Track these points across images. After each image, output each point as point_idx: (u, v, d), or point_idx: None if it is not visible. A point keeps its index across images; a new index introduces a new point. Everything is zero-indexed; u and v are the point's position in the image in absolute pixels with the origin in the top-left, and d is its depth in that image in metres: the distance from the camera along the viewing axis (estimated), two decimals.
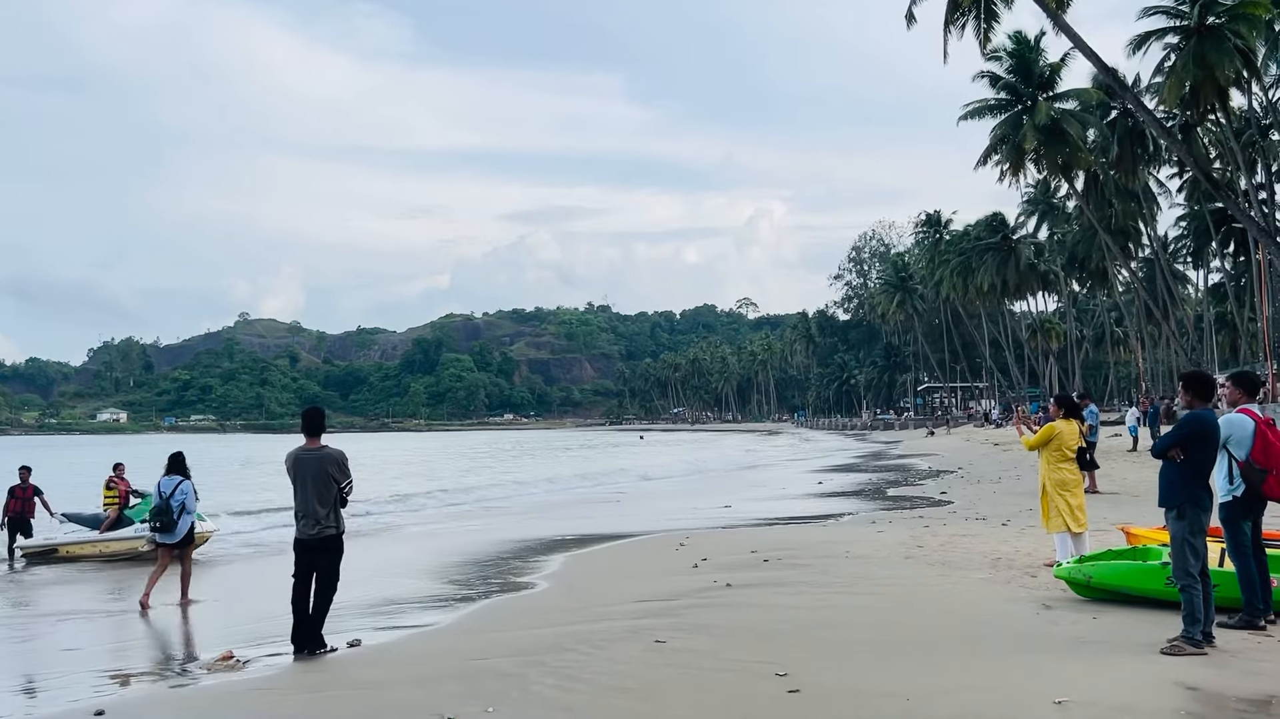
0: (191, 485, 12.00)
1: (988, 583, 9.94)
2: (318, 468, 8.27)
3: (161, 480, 11.99)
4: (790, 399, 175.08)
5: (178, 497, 11.74)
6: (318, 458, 8.32)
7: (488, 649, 7.86)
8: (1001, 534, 13.90)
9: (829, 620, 8.29)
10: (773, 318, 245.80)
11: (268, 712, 6.38)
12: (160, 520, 11.75)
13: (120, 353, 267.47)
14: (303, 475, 8.30)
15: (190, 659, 8.58)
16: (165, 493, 11.82)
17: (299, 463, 8.36)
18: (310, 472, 8.27)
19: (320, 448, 8.40)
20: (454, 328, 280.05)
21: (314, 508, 8.22)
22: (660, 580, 10.94)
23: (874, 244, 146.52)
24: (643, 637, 7.82)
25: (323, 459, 8.32)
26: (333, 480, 8.27)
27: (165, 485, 11.89)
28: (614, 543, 16.44)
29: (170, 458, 12.19)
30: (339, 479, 8.30)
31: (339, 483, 8.30)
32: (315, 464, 8.29)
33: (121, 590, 13.71)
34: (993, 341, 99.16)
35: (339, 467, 8.32)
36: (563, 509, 26.43)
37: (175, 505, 11.72)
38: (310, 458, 8.33)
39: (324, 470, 8.26)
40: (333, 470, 8.28)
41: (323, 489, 8.24)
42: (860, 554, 12.07)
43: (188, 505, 11.86)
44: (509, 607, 10.59)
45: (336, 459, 8.35)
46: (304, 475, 8.29)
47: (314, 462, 8.31)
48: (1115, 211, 63.45)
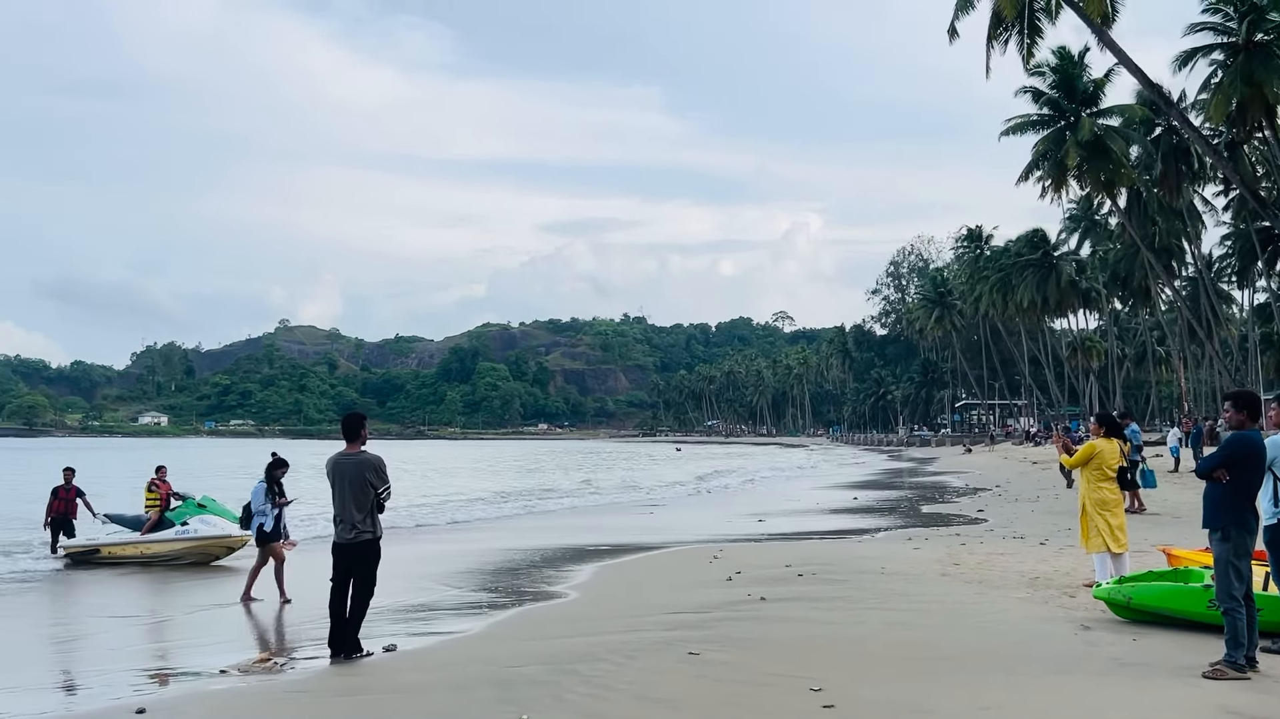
0: (262, 486, 12.70)
1: (1025, 602, 9.84)
2: (355, 473, 8.31)
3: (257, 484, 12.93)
4: (825, 414, 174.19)
5: (251, 496, 12.75)
6: (356, 463, 8.37)
7: (521, 656, 7.89)
8: (1039, 553, 13.74)
9: (864, 636, 8.24)
10: (809, 332, 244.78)
11: (305, 714, 6.44)
12: (242, 519, 13.33)
13: (162, 357, 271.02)
14: (341, 480, 8.35)
15: (229, 661, 8.64)
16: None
17: (337, 468, 8.42)
18: (348, 476, 8.32)
19: (359, 453, 8.44)
20: (490, 337, 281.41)
21: (351, 513, 8.26)
22: (694, 592, 10.93)
23: (912, 259, 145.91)
24: (676, 648, 7.81)
25: (360, 464, 8.36)
26: (370, 486, 8.29)
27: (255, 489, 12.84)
28: (646, 553, 16.44)
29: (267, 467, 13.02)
30: (376, 484, 8.32)
31: (376, 488, 8.33)
32: (353, 469, 8.34)
33: (162, 592, 13.91)
34: (1032, 359, 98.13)
35: (376, 472, 8.35)
36: (595, 518, 26.46)
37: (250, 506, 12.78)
38: (348, 463, 8.38)
39: (361, 475, 8.29)
40: (370, 476, 8.31)
41: (360, 494, 8.27)
42: (896, 571, 11.99)
43: (254, 505, 12.66)
44: (541, 615, 10.63)
45: (374, 464, 8.39)
46: (342, 480, 8.34)
47: (352, 467, 8.35)
48: (1159, 229, 62.72)
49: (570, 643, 8.38)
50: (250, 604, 12.05)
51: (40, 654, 9.87)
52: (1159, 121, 56.39)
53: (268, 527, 12.42)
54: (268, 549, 12.45)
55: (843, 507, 28.75)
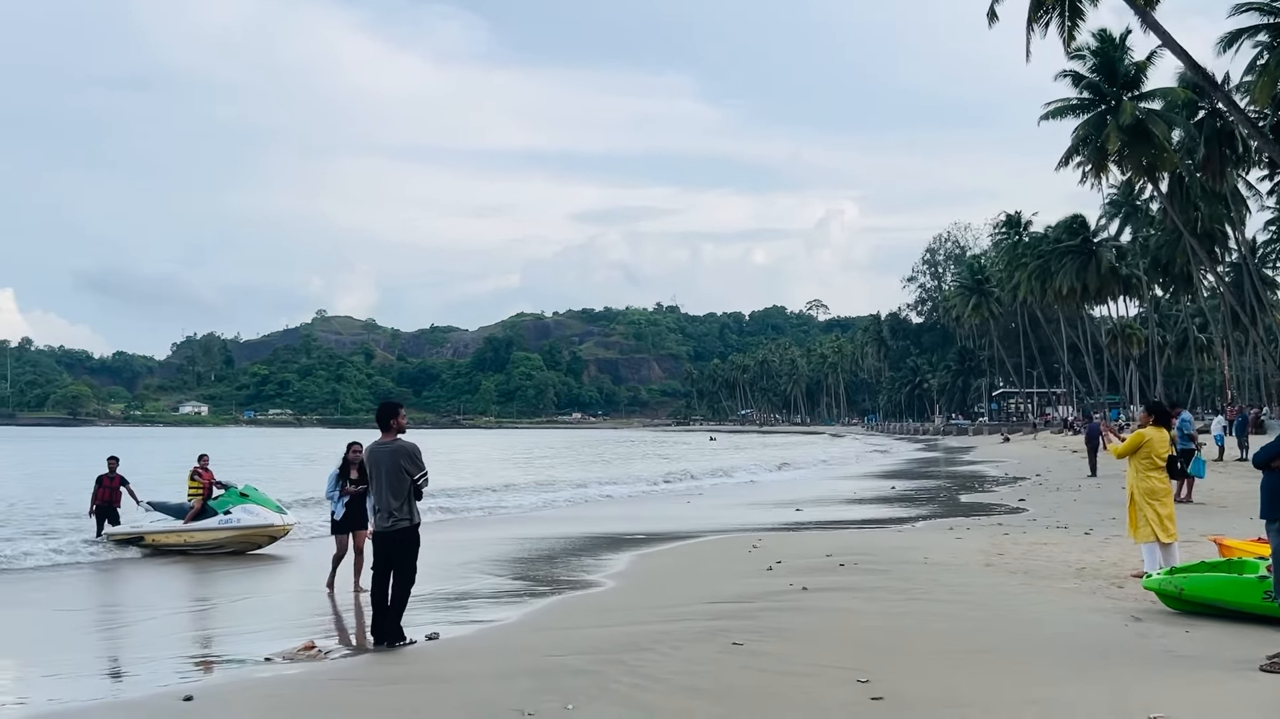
0: (334, 471, 12.21)
1: (1073, 593, 9.69)
2: (390, 461, 8.32)
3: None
4: (860, 402, 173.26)
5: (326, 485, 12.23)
6: (391, 451, 8.38)
7: (563, 646, 7.87)
8: (1085, 543, 13.55)
9: (908, 628, 8.14)
10: (843, 320, 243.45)
11: (350, 702, 6.45)
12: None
13: (202, 347, 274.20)
14: (377, 469, 8.37)
15: (273, 649, 8.68)
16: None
17: (373, 456, 8.47)
18: (384, 465, 8.33)
19: (393, 441, 8.45)
20: (524, 327, 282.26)
21: (388, 500, 8.27)
22: (734, 582, 10.87)
23: (949, 246, 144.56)
24: (719, 638, 7.75)
25: (395, 452, 8.36)
26: (405, 473, 8.29)
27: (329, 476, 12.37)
28: (684, 542, 16.41)
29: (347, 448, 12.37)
30: (412, 471, 8.31)
31: (412, 475, 8.31)
32: (388, 457, 8.35)
33: (205, 579, 14.04)
34: (1071, 346, 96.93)
35: (411, 459, 8.34)
36: (631, 507, 26.46)
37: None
38: (384, 451, 8.40)
39: (396, 463, 8.29)
40: (405, 463, 8.30)
41: (396, 481, 8.27)
42: (939, 561, 11.86)
43: (326, 492, 12.19)
44: (580, 604, 10.62)
45: (409, 452, 8.38)
46: (378, 468, 8.36)
47: (387, 455, 8.37)
48: (1201, 215, 61.67)
49: (612, 632, 8.34)
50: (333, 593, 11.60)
51: (87, 641, 9.98)
52: (1202, 105, 55.39)
53: (338, 515, 11.92)
54: (337, 540, 12.01)
55: (880, 496, 28.56)
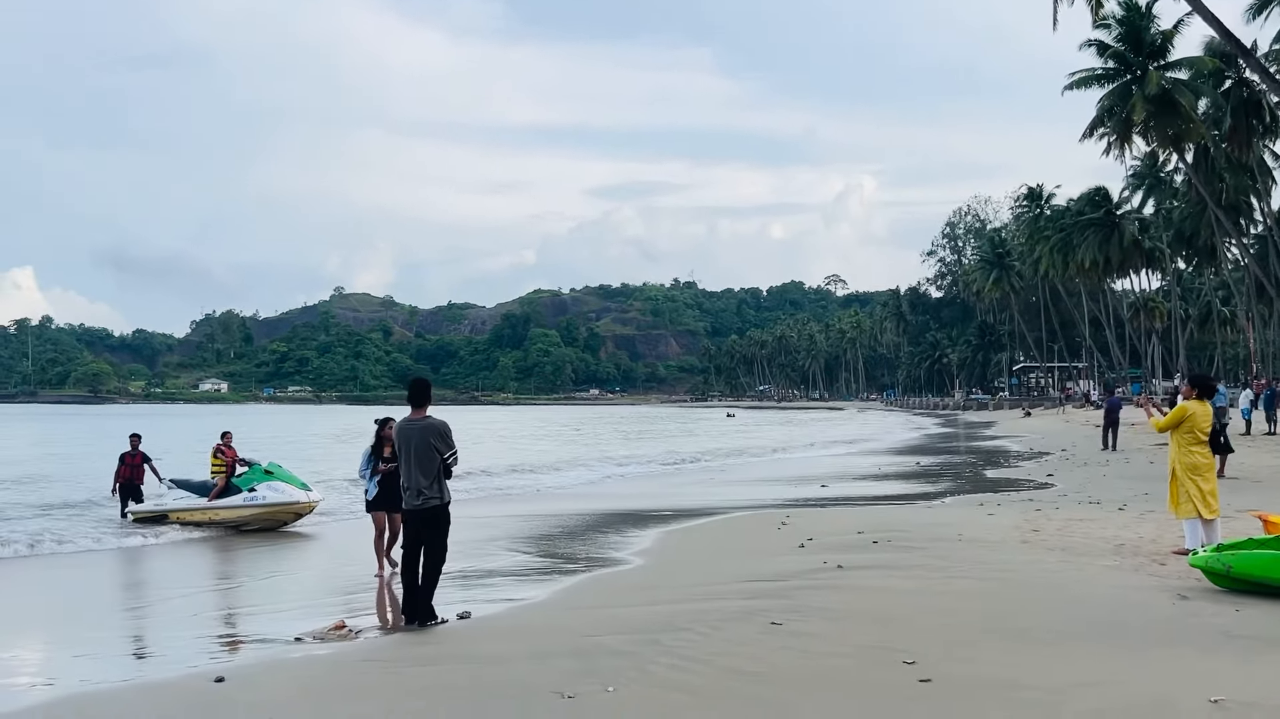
0: (366, 449, 11.71)
1: (1114, 570, 9.49)
2: (420, 438, 8.18)
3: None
4: (879, 378, 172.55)
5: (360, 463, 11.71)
6: (420, 428, 8.24)
7: (599, 626, 7.73)
8: (1120, 519, 13.32)
9: (950, 607, 7.95)
10: (862, 295, 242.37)
11: (383, 684, 6.32)
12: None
13: (221, 325, 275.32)
14: (406, 446, 8.24)
15: (303, 629, 8.57)
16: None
17: (402, 433, 8.34)
18: (413, 442, 8.20)
19: (424, 418, 8.31)
20: (541, 303, 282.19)
21: (418, 479, 8.15)
22: (767, 560, 10.70)
23: (969, 219, 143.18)
24: (757, 618, 7.59)
25: (425, 429, 8.23)
26: (435, 451, 8.15)
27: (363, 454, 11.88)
28: (711, 519, 16.26)
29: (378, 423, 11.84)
30: (441, 449, 8.18)
31: (441, 453, 8.18)
32: (418, 434, 8.21)
33: (232, 558, 13.99)
34: (1093, 320, 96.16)
35: (441, 437, 8.21)
36: (654, 483, 26.36)
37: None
38: (413, 428, 8.26)
39: (426, 441, 8.16)
40: (435, 440, 8.17)
41: (425, 460, 8.14)
42: (973, 538, 11.66)
43: (359, 469, 11.72)
44: (612, 582, 10.50)
45: (439, 429, 8.25)
46: (408, 446, 8.23)
47: (417, 432, 8.23)
48: (1226, 186, 60.85)
49: (648, 612, 8.20)
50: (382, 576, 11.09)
51: (115, 620, 9.93)
52: (1229, 74, 54.56)
53: (371, 494, 11.52)
54: (374, 519, 11.57)
55: (904, 471, 28.34)
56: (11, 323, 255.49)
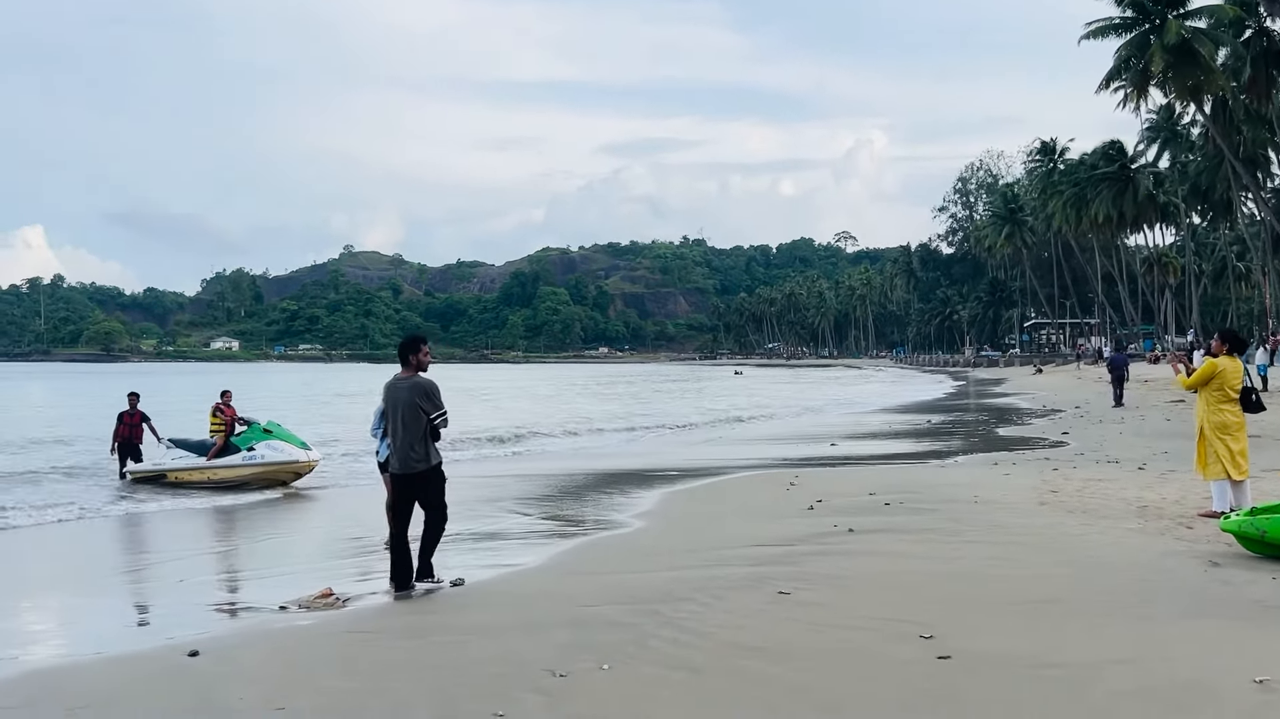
0: (379, 408, 9.55)
1: (1139, 534, 9.07)
2: (407, 398, 7.79)
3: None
4: (889, 335, 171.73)
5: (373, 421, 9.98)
6: (407, 387, 7.84)
7: (596, 594, 7.34)
8: (1141, 479, 12.89)
9: (967, 574, 7.55)
10: (872, 252, 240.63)
11: (366, 658, 5.96)
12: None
13: (231, 283, 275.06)
14: (394, 406, 7.85)
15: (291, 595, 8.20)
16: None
17: (390, 392, 7.95)
18: (400, 401, 7.80)
19: (411, 377, 7.88)
20: (550, 261, 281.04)
21: (404, 440, 7.76)
22: (774, 523, 10.30)
23: (981, 175, 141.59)
24: (764, 586, 7.19)
25: (412, 388, 7.81)
26: (421, 411, 7.73)
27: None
28: (716, 479, 15.87)
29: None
30: (428, 410, 7.74)
31: (428, 413, 7.74)
32: (405, 393, 7.82)
33: (229, 521, 13.65)
34: (1105, 276, 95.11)
35: (428, 396, 7.77)
36: (659, 442, 26.00)
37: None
38: (400, 387, 7.87)
39: (412, 400, 7.75)
40: (420, 400, 7.74)
41: (412, 420, 7.73)
42: (989, 499, 11.24)
43: (372, 429, 10.03)
44: (612, 546, 10.07)
45: (425, 389, 7.80)
46: (395, 406, 7.84)
47: (404, 391, 7.83)
48: (1244, 138, 59.76)
49: (648, 579, 7.80)
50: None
51: (100, 584, 9.55)
52: (1249, 23, 53.38)
53: (382, 455, 9.86)
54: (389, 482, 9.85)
55: (915, 429, 27.94)
56: (24, 281, 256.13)
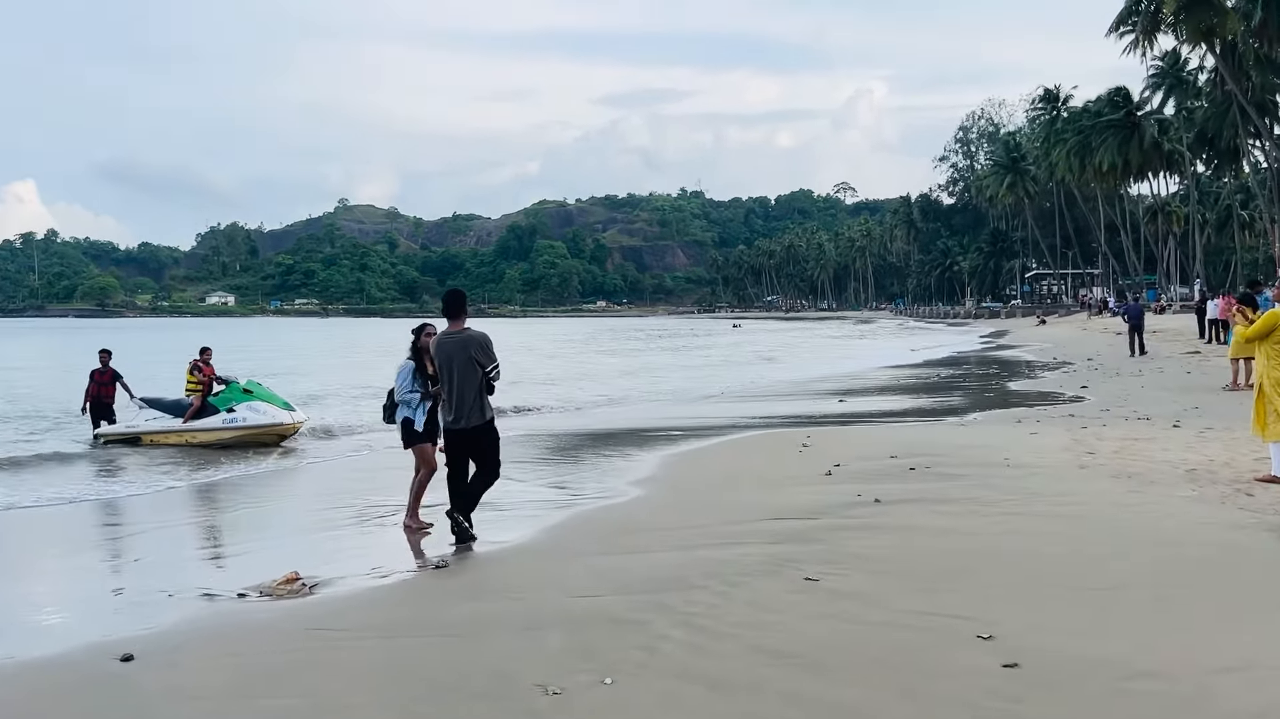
0: (409, 367, 8.81)
1: (1196, 503, 8.18)
2: (461, 352, 7.75)
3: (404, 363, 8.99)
4: (889, 287, 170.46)
5: (396, 379, 8.87)
6: (460, 341, 7.78)
7: (595, 581, 6.44)
8: (1180, 438, 12.00)
9: (1017, 552, 6.66)
10: (872, 203, 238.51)
11: (323, 663, 5.08)
12: (384, 409, 9.24)
13: (226, 238, 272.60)
14: (447, 361, 7.78)
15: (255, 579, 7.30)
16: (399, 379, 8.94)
17: (441, 348, 7.89)
18: (454, 357, 7.75)
19: (462, 330, 7.82)
20: (547, 214, 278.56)
21: (459, 396, 7.73)
22: (791, 491, 9.39)
23: (983, 124, 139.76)
24: (787, 571, 6.29)
25: (465, 342, 7.76)
26: (477, 364, 7.71)
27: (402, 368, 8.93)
28: (722, 438, 14.94)
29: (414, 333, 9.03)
30: (483, 363, 7.73)
31: (484, 367, 7.73)
32: (458, 348, 7.77)
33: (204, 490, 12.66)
34: (1108, 225, 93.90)
35: (482, 349, 7.75)
36: (659, 397, 25.11)
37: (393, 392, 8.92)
38: (452, 342, 7.81)
39: (467, 354, 7.72)
40: (476, 354, 7.72)
41: (467, 375, 7.71)
42: (1023, 463, 10.34)
43: (398, 393, 8.83)
44: (611, 520, 8.99)
45: (480, 341, 7.78)
46: (449, 361, 7.77)
47: (457, 346, 7.78)
48: (1253, 84, 58.36)
49: (654, 561, 6.89)
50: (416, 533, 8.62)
51: (37, 569, 8.57)
52: None
53: (419, 423, 8.79)
54: (421, 453, 8.85)
55: (925, 383, 27.06)
56: (17, 236, 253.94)
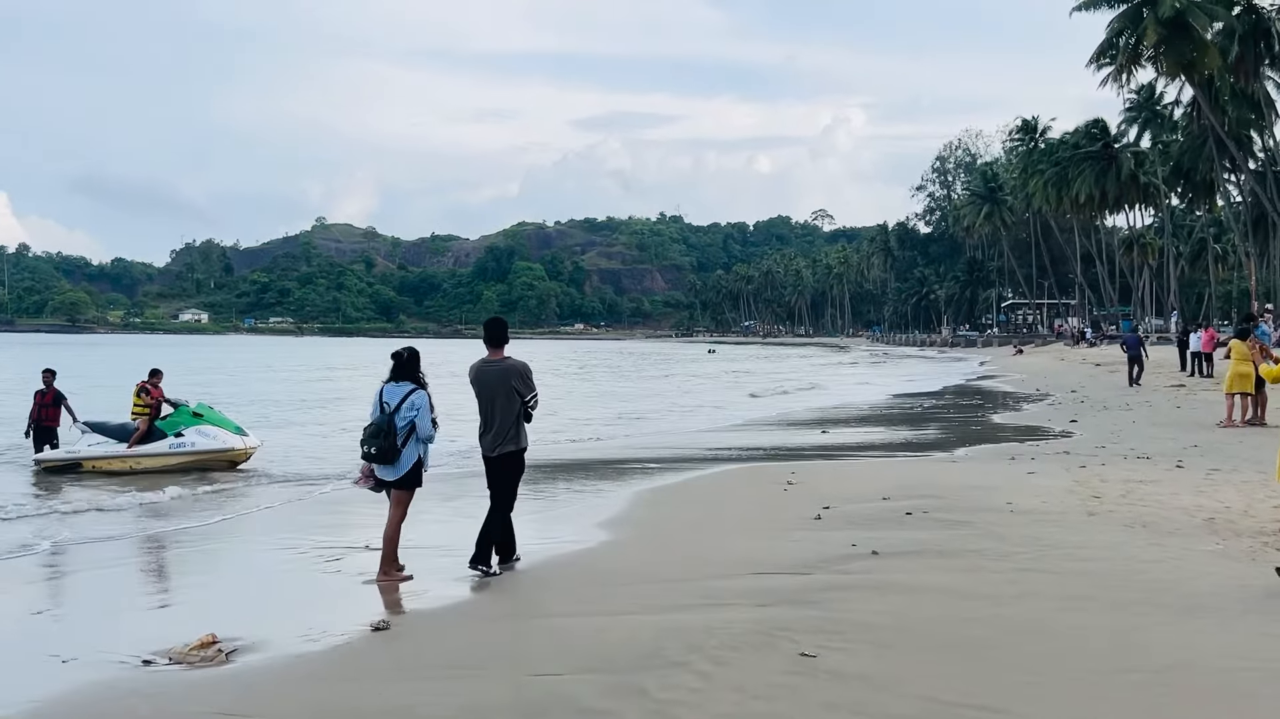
0: (427, 398, 7.82)
1: (1223, 558, 7.41)
2: (502, 380, 7.85)
3: (385, 388, 7.86)
4: (865, 314, 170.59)
5: (405, 412, 7.69)
6: (501, 370, 7.89)
7: (555, 654, 5.53)
8: (1187, 481, 11.26)
9: (1042, 622, 5.82)
10: (849, 230, 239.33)
11: None
12: (376, 444, 7.63)
13: (201, 254, 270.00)
14: (489, 390, 7.88)
15: (173, 638, 6.38)
16: (389, 405, 7.74)
17: (481, 376, 7.96)
18: (495, 384, 7.86)
19: (503, 359, 7.93)
20: (526, 236, 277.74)
21: (497, 424, 7.84)
22: (778, 539, 8.54)
23: (960, 154, 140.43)
24: (780, 644, 5.44)
25: (507, 371, 7.88)
26: (516, 394, 7.83)
27: (391, 395, 7.78)
28: (699, 472, 14.09)
29: (396, 357, 7.93)
30: (523, 392, 7.86)
31: (523, 396, 7.86)
32: (499, 377, 7.87)
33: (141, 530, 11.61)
34: (1084, 256, 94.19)
35: (523, 378, 7.89)
36: (632, 424, 24.24)
37: (402, 425, 7.68)
38: (494, 370, 7.91)
39: (508, 383, 7.84)
40: (516, 383, 7.85)
41: (506, 403, 7.83)
42: (1026, 508, 9.55)
43: (419, 428, 7.73)
44: (579, 570, 7.98)
45: (520, 370, 7.91)
46: (490, 390, 7.87)
47: (498, 374, 7.88)
48: (1229, 119, 58.60)
49: (628, 626, 5.98)
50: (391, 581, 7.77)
51: None
52: (1238, 0, 52.35)
53: (428, 463, 8.00)
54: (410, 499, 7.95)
55: (907, 413, 26.37)
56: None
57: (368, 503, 11.98)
